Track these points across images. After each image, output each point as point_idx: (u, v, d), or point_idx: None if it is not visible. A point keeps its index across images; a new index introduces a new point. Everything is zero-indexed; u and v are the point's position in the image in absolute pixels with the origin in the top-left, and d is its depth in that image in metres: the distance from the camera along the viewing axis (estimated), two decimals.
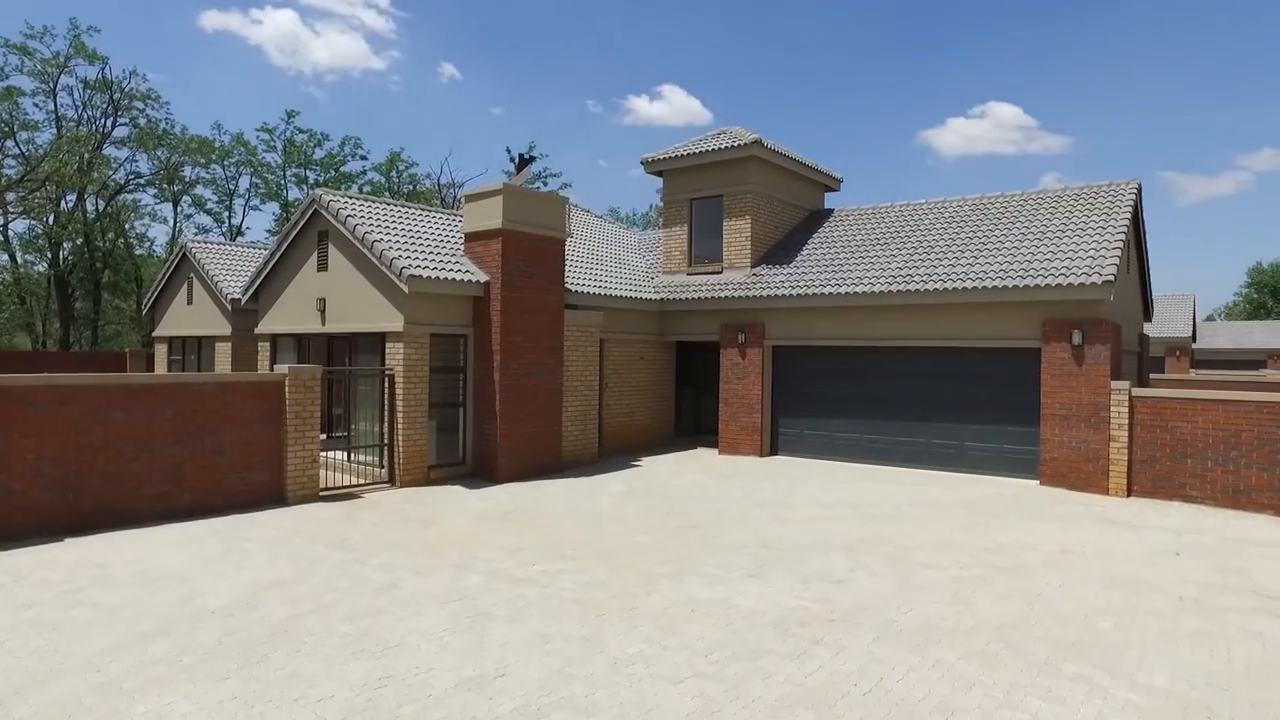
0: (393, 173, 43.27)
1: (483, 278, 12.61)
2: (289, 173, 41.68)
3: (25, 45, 33.07)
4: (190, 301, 19.94)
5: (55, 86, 34.98)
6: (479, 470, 12.72)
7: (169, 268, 20.86)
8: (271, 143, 41.13)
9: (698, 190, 16.89)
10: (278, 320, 14.67)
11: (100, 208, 36.83)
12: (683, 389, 17.93)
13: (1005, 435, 12.87)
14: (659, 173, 17.50)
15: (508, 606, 6.54)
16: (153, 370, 22.85)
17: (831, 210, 18.03)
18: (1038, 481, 12.29)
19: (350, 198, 13.68)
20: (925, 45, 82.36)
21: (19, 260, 38.15)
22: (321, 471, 11.75)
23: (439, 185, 43.84)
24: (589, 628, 6.08)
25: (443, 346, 12.55)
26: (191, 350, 20.22)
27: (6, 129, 33.47)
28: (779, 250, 16.55)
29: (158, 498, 9.27)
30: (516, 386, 12.68)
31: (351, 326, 12.85)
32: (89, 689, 4.92)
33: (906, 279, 13.54)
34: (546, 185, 43.92)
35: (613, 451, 15.57)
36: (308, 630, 5.93)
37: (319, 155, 41.89)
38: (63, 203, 35.17)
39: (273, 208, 42.77)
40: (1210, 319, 65.91)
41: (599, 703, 4.82)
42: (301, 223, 13.83)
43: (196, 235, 38.49)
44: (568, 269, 14.54)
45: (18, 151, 34.07)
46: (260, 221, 73.23)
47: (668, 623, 6.21)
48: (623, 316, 15.82)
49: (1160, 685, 5.16)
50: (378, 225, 12.79)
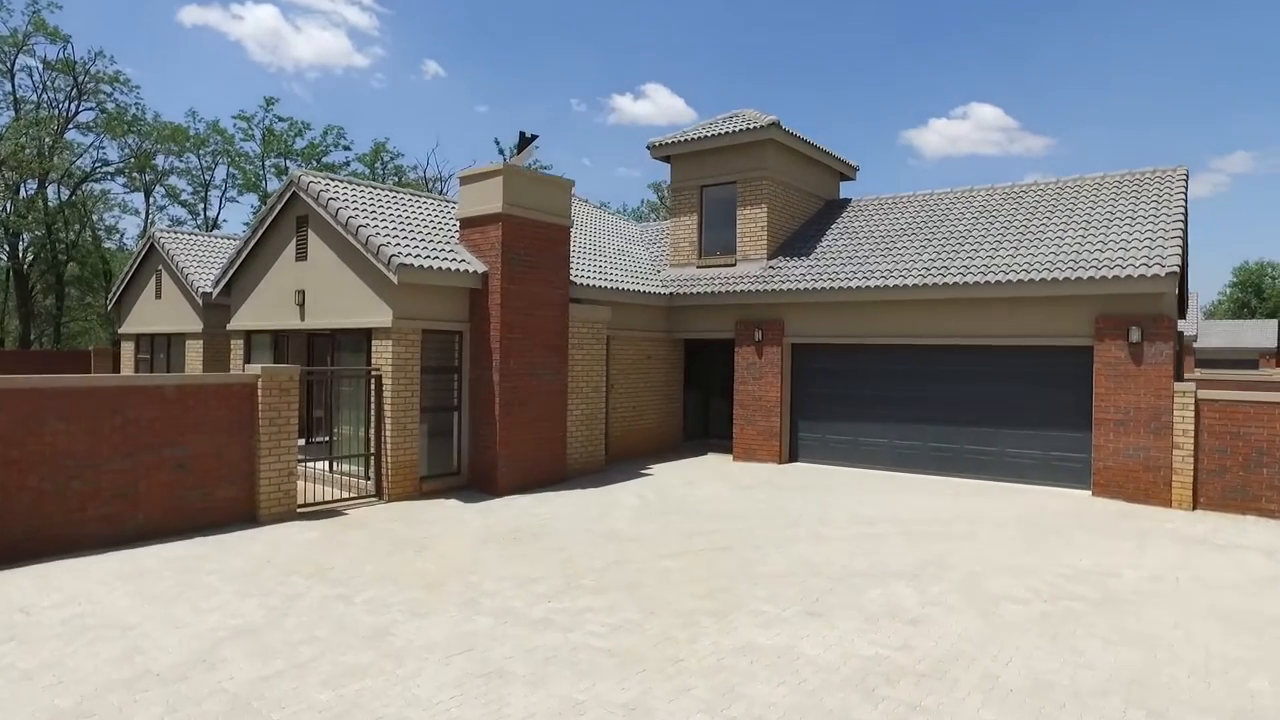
0: (377, 164, 41.71)
1: (480, 268, 11.39)
2: (268, 163, 39.99)
3: None
4: (159, 296, 18.50)
5: (13, 67, 32.86)
6: (476, 481, 11.50)
7: (135, 260, 19.37)
8: (250, 131, 39.44)
9: (709, 177, 15.73)
10: (252, 315, 13.35)
11: (64, 197, 34.69)
12: (690, 390, 16.77)
13: (1050, 441, 11.82)
14: (666, 158, 16.33)
15: (527, 660, 5.35)
16: (118, 371, 21.36)
17: (849, 200, 16.93)
18: (1089, 492, 11.25)
19: (333, 179, 12.38)
20: (907, 46, 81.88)
21: None
22: (300, 484, 10.47)
23: (425, 178, 42.30)
24: (630, 690, 4.91)
25: (435, 344, 11.32)
26: (161, 349, 18.77)
27: None
28: (796, 241, 15.42)
29: (104, 520, 7.93)
30: (517, 388, 11.48)
31: (334, 322, 11.58)
32: None
33: (942, 271, 12.45)
34: None
35: (618, 458, 14.39)
36: (278, 701, 4.71)
37: (300, 145, 40.28)
38: (21, 190, 33.05)
39: (251, 199, 40.95)
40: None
41: None
42: (279, 207, 12.54)
43: (170, 226, 36.67)
44: (570, 260, 13.33)
45: None
46: (238, 214, 70.98)
47: (725, 681, 5.06)
48: (629, 312, 14.63)
49: None
50: (363, 210, 11.53)
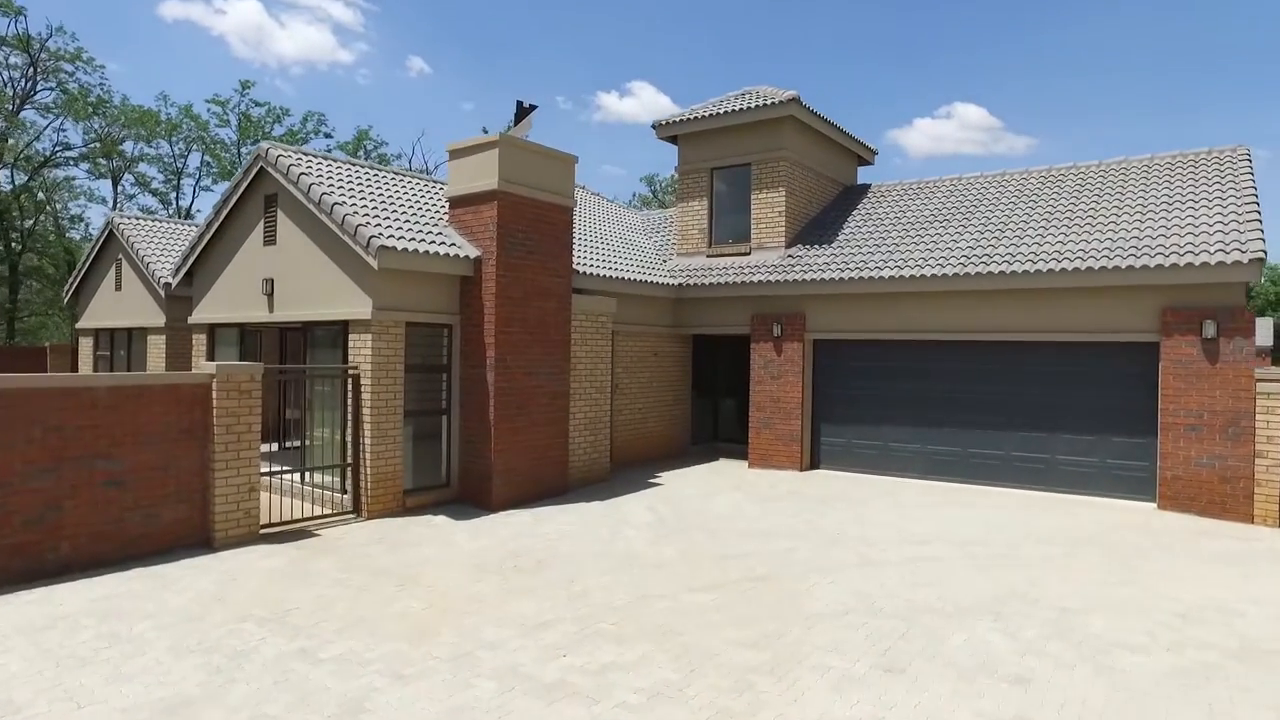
0: (360, 152, 40.11)
1: (472, 252, 10.06)
2: (244, 150, 38.31)
3: None
4: (119, 288, 17.00)
5: None
6: (467, 494, 10.17)
7: (94, 248, 17.83)
8: (224, 116, 37.76)
9: (720, 158, 14.44)
10: (216, 307, 11.95)
11: (20, 182, 32.63)
12: (698, 390, 15.50)
13: (1108, 447, 10.66)
14: (672, 139, 15.04)
15: None
16: (76, 369, 19.81)
17: (868, 185, 15.72)
18: (1154, 504, 10.10)
19: (306, 153, 10.98)
20: (892, 46, 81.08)
21: None
22: (266, 498, 9.13)
23: (410, 169, 40.73)
24: None
25: (421, 339, 9.98)
26: (121, 345, 17.27)
27: None
28: (816, 228, 14.18)
29: (15, 552, 6.51)
30: (514, 389, 10.16)
31: (306, 314, 10.21)
32: None
33: (983, 260, 11.25)
34: None
35: (623, 464, 13.11)
36: None
37: (279, 132, 38.61)
38: None
39: (225, 188, 39.35)
40: None
41: None
42: (244, 185, 11.17)
43: (138, 215, 34.79)
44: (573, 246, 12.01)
45: None
46: (212, 203, 69.00)
47: None
48: (633, 305, 13.34)
49: None
50: (340, 187, 10.16)
